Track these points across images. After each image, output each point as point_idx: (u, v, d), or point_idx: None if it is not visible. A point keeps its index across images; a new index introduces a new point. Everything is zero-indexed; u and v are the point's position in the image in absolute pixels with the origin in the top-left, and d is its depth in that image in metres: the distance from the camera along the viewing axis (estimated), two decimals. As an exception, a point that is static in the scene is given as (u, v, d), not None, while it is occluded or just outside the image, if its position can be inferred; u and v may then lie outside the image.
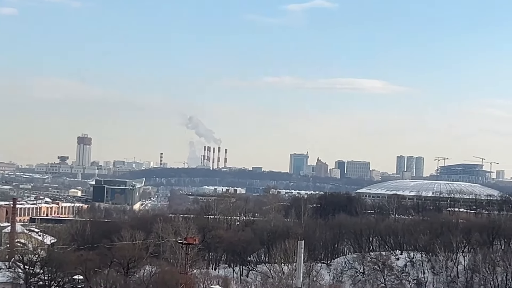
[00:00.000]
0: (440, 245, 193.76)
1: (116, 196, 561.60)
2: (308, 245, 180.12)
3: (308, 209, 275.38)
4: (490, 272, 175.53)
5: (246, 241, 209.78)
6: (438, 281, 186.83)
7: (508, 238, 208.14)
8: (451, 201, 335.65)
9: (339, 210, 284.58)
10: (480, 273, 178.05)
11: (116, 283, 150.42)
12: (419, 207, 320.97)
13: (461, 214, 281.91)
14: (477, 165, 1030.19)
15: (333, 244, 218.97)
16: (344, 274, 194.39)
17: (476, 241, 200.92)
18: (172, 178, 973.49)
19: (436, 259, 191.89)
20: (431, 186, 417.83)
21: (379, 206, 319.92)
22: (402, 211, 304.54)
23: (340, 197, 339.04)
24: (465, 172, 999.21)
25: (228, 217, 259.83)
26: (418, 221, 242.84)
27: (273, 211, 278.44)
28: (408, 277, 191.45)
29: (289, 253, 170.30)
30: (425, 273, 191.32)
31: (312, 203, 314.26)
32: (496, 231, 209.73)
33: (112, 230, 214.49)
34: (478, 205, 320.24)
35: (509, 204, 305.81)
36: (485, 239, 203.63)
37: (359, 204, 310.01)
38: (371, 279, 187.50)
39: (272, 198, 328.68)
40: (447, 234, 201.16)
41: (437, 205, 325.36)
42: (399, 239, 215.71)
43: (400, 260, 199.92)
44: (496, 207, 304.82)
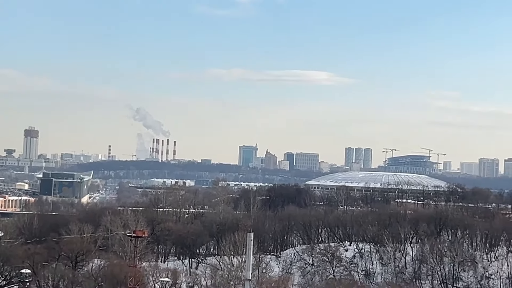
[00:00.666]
0: (388, 236, 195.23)
1: (64, 189, 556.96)
2: (258, 237, 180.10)
3: (257, 201, 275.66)
4: (437, 262, 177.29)
5: (195, 234, 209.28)
6: (386, 272, 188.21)
7: (455, 229, 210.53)
8: (399, 192, 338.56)
9: (288, 202, 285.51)
10: (427, 264, 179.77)
11: (64, 276, 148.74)
12: (368, 199, 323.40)
13: (409, 205, 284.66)
14: (425, 156, 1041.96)
15: (282, 236, 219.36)
16: (294, 265, 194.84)
17: (423, 232, 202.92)
18: (120, 170, 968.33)
19: (384, 250, 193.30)
20: (379, 177, 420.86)
21: (328, 198, 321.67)
22: (351, 202, 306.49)
23: (289, 189, 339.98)
24: (412, 163, 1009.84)
25: (177, 210, 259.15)
26: (366, 212, 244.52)
27: (222, 204, 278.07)
28: (356, 268, 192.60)
29: (238, 245, 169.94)
30: (373, 264, 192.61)
31: (261, 195, 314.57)
32: (443, 222, 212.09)
33: (60, 223, 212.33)
34: (425, 196, 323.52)
35: (456, 195, 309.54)
36: (432, 230, 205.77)
37: (308, 196, 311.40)
38: (320, 270, 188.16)
39: (221, 190, 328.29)
40: (395, 225, 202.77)
41: (385, 197, 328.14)
42: (348, 230, 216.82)
43: (349, 251, 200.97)
44: (443, 198, 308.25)
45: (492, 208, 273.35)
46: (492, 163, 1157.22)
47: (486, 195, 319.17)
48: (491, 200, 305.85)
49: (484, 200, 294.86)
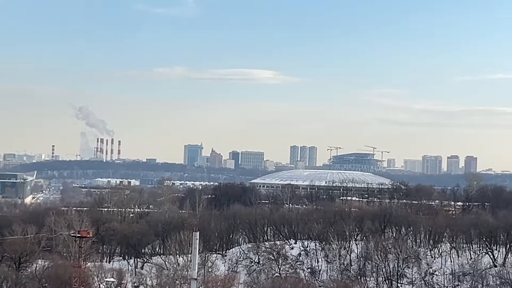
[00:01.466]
0: (334, 233, 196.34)
1: (6, 189, 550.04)
2: (203, 236, 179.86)
3: (203, 200, 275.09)
4: (382, 259, 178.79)
5: (141, 233, 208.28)
6: (332, 269, 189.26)
7: (399, 226, 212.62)
8: (343, 190, 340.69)
9: (233, 200, 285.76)
10: (372, 261, 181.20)
11: (7, 278, 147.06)
12: (313, 197, 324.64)
13: (354, 202, 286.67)
14: (369, 154, 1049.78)
15: (228, 235, 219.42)
16: (239, 264, 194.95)
17: (368, 229, 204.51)
18: (64, 170, 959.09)
19: (329, 247, 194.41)
20: (324, 175, 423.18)
21: (273, 196, 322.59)
22: (296, 200, 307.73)
23: (235, 188, 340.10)
24: (357, 161, 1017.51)
25: (122, 209, 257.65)
26: (311, 210, 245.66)
27: (168, 203, 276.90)
28: (302, 265, 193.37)
29: (184, 245, 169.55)
30: (319, 262, 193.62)
31: (207, 194, 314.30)
32: (388, 219, 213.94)
33: (2, 224, 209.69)
34: (370, 193, 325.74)
35: (400, 192, 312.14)
36: (377, 227, 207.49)
37: (254, 195, 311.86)
38: (266, 268, 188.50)
39: (166, 189, 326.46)
40: (340, 222, 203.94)
41: (330, 194, 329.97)
42: (293, 228, 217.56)
43: (295, 249, 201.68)
44: (388, 195, 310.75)
45: (436, 205, 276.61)
46: (435, 160, 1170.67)
47: (429, 192, 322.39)
48: (434, 197, 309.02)
49: (428, 197, 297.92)
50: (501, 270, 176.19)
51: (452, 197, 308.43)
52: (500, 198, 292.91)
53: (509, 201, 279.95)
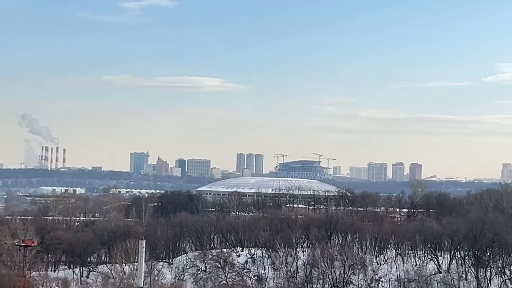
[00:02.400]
0: (280, 241, 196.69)
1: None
2: (150, 244, 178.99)
3: (149, 208, 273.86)
4: (328, 266, 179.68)
5: (86, 242, 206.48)
6: (278, 276, 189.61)
7: (345, 233, 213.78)
8: (290, 197, 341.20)
9: (180, 208, 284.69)
10: (319, 268, 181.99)
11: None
12: (259, 204, 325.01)
13: (300, 210, 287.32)
14: (315, 161, 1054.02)
15: (175, 243, 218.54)
16: (186, 272, 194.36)
17: (314, 236, 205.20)
18: (8, 179, 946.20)
19: (276, 255, 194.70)
20: (270, 183, 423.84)
21: (220, 204, 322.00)
22: (243, 208, 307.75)
23: (181, 196, 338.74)
24: (303, 168, 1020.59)
25: (68, 218, 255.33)
26: (258, 217, 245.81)
27: (114, 211, 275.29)
28: (249, 273, 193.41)
29: (130, 253, 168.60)
30: (265, 269, 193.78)
31: (153, 202, 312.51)
32: (334, 226, 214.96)
33: None
34: (316, 200, 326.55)
35: (346, 199, 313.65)
36: (323, 234, 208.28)
37: (200, 202, 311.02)
38: (213, 276, 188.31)
39: (112, 197, 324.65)
40: (286, 230, 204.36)
41: (276, 202, 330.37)
42: (240, 236, 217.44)
43: (241, 256, 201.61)
44: (334, 202, 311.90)
45: (381, 212, 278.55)
46: (380, 167, 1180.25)
47: (375, 199, 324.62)
48: (380, 204, 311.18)
49: (373, 204, 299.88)
50: (446, 276, 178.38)
51: (397, 204, 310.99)
52: (444, 205, 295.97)
53: (453, 208, 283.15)
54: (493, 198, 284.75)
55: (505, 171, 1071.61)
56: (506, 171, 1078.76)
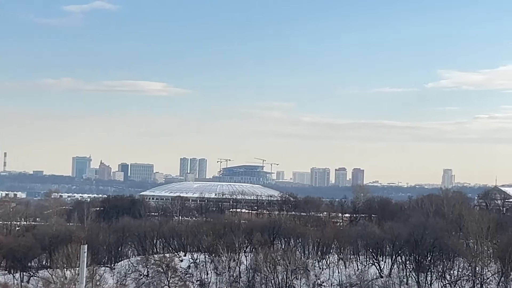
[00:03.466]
0: (223, 245, 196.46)
1: None
2: (92, 249, 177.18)
3: (91, 212, 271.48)
4: (271, 271, 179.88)
5: (27, 247, 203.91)
6: (221, 281, 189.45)
7: (288, 238, 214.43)
8: (233, 202, 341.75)
9: (122, 213, 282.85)
10: (261, 272, 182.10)
11: None
12: (203, 209, 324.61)
13: (243, 214, 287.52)
14: (259, 166, 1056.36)
15: (117, 248, 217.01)
16: (128, 277, 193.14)
17: (257, 241, 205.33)
18: None
19: (219, 259, 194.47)
20: (214, 187, 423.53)
21: (163, 208, 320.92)
22: (186, 212, 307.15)
23: (124, 200, 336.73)
24: (246, 173, 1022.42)
25: (8, 222, 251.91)
26: (201, 222, 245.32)
27: (55, 215, 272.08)
28: (191, 278, 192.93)
29: (71, 258, 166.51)
30: (208, 274, 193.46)
31: (95, 206, 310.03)
32: (277, 231, 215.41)
33: None
34: (259, 205, 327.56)
35: (289, 204, 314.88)
36: (266, 238, 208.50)
37: (143, 207, 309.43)
38: (155, 281, 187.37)
39: (53, 202, 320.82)
40: (229, 234, 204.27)
41: (220, 206, 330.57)
42: (183, 240, 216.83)
43: (184, 261, 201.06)
44: (277, 207, 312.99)
45: (324, 217, 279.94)
46: (323, 172, 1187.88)
47: (317, 203, 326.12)
48: (322, 208, 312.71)
49: (316, 209, 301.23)
50: (387, 281, 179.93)
51: (340, 208, 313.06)
52: (386, 209, 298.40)
53: (395, 213, 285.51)
54: (434, 203, 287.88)
55: (446, 177, 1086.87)
56: (447, 176, 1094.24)
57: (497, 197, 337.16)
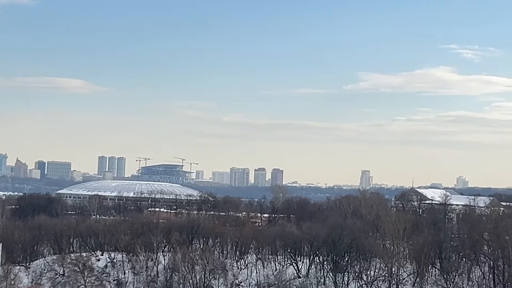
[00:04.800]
0: (141, 245, 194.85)
1: None
2: (6, 248, 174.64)
3: (7, 210, 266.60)
4: (189, 270, 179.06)
5: None
6: (139, 281, 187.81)
7: (207, 237, 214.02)
8: (152, 201, 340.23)
9: (39, 211, 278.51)
10: (179, 272, 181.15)
11: None
12: (121, 208, 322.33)
13: (162, 214, 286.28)
14: (178, 165, 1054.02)
15: (32, 246, 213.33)
16: (44, 276, 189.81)
17: (176, 240, 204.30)
18: None
19: (136, 259, 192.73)
20: (132, 186, 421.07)
21: (80, 207, 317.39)
22: (103, 211, 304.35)
23: (40, 198, 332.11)
24: (166, 172, 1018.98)
25: None
26: (119, 221, 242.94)
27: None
28: (108, 277, 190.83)
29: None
30: (125, 273, 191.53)
31: (11, 204, 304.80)
32: (195, 231, 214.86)
33: None
34: (178, 205, 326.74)
35: (208, 204, 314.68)
36: (184, 238, 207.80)
37: (60, 205, 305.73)
38: (71, 280, 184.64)
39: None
40: (147, 234, 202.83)
41: (138, 206, 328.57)
42: (100, 239, 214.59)
43: (101, 260, 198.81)
44: (196, 207, 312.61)
45: (243, 217, 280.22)
46: (243, 172, 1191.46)
47: (236, 203, 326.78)
48: (241, 208, 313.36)
49: (235, 209, 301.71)
50: (305, 281, 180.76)
51: (259, 208, 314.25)
52: (304, 210, 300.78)
53: (313, 213, 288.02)
54: (352, 204, 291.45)
55: (364, 178, 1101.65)
56: (365, 177, 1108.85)
57: (413, 199, 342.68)
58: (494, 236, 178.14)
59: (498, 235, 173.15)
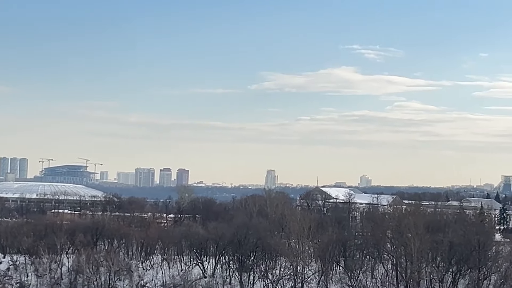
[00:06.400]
0: (44, 247, 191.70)
1: None
2: None
3: None
4: (93, 272, 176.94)
5: None
6: (42, 283, 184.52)
7: (112, 238, 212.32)
8: (55, 202, 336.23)
9: None
10: (84, 274, 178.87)
11: None
12: (23, 209, 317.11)
13: (66, 215, 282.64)
14: (82, 166, 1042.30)
15: None
16: None
17: (80, 242, 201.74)
18: None
19: (40, 261, 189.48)
20: (35, 188, 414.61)
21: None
22: (5, 213, 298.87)
23: None
24: (69, 173, 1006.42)
25: None
26: (22, 223, 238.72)
27: None
28: (11, 280, 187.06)
29: None
30: (28, 276, 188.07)
31: None
32: (100, 232, 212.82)
33: None
34: (82, 206, 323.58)
35: (112, 205, 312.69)
36: (89, 240, 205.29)
37: None
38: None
39: None
40: (51, 236, 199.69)
41: (41, 207, 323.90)
42: (2, 242, 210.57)
43: (3, 263, 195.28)
44: (100, 207, 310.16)
45: (148, 217, 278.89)
46: (148, 172, 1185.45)
47: (142, 204, 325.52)
48: (147, 209, 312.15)
49: (140, 210, 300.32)
50: (211, 281, 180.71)
51: (164, 209, 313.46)
52: (210, 210, 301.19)
53: (219, 213, 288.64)
54: (257, 204, 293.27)
55: (269, 177, 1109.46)
56: (270, 177, 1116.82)
57: (318, 198, 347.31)
58: (396, 233, 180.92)
59: (400, 233, 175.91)
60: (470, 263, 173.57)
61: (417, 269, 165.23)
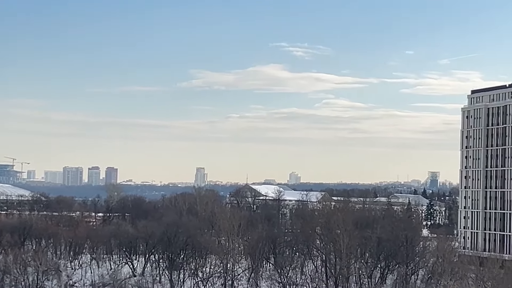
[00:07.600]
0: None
1: None
2: None
3: None
4: (21, 272, 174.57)
5: None
6: None
7: (40, 238, 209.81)
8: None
9: None
10: (11, 274, 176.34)
11: None
12: None
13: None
14: (8, 165, 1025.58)
15: None
16: None
17: (7, 242, 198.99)
18: None
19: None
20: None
21: None
22: None
23: None
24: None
25: None
26: None
27: None
28: None
29: None
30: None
31: None
32: (28, 231, 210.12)
33: None
34: (9, 205, 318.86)
35: (40, 204, 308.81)
36: (16, 240, 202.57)
37: None
38: None
39: None
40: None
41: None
42: None
43: None
44: (28, 207, 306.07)
45: (76, 216, 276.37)
46: (76, 171, 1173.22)
47: (70, 203, 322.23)
48: (75, 208, 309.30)
49: (69, 209, 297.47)
50: (140, 280, 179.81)
51: (93, 208, 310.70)
52: (140, 208, 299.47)
53: (149, 212, 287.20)
54: (187, 202, 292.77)
55: (199, 175, 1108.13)
56: (200, 175, 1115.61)
57: (248, 195, 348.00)
58: (326, 230, 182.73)
59: (329, 229, 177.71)
60: (398, 259, 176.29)
61: (346, 265, 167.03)
